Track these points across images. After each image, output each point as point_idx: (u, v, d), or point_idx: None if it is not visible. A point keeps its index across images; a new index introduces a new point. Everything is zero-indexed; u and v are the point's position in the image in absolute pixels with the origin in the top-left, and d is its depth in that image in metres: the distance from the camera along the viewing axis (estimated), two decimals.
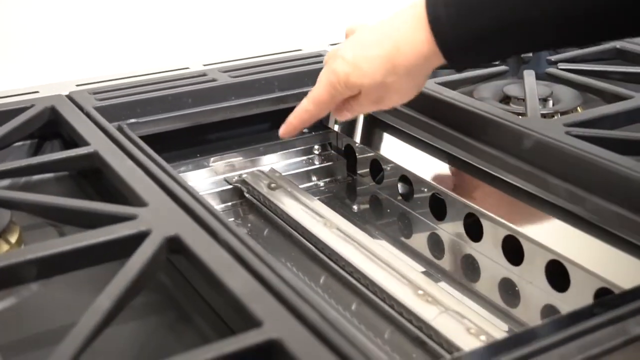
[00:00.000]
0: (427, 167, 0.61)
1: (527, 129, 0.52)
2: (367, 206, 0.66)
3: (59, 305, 0.45)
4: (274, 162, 0.68)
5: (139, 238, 0.40)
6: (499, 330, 0.45)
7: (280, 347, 0.32)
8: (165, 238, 0.40)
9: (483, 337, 0.43)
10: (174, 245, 0.41)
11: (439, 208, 0.60)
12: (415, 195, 0.62)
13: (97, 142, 0.53)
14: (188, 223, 0.42)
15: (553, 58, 0.72)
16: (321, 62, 0.68)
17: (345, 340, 0.33)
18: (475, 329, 0.44)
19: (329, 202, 0.65)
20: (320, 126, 0.71)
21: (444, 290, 0.48)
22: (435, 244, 0.59)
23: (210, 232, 0.42)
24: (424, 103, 0.60)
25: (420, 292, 0.47)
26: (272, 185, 0.62)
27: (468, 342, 0.43)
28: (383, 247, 0.54)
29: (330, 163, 0.70)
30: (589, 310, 0.37)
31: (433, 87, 0.61)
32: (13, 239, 0.48)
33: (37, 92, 0.65)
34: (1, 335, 0.34)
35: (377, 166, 0.67)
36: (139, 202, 0.45)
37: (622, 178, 0.46)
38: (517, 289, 0.52)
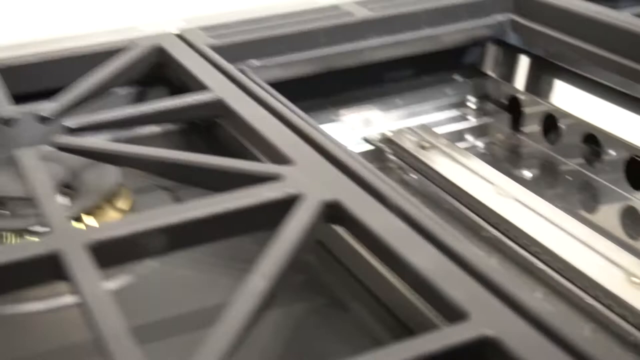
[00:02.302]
0: (621, 122, 0.59)
1: None
2: (538, 172, 0.65)
3: (183, 284, 0.45)
4: (420, 117, 0.68)
5: (290, 202, 0.39)
6: None
7: (497, 347, 0.30)
8: (323, 203, 0.39)
9: None
10: (334, 212, 0.40)
11: (637, 174, 0.58)
12: (604, 158, 0.60)
13: (218, 87, 0.53)
14: (348, 185, 0.41)
15: None
16: None
17: (581, 340, 0.30)
18: None
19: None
20: (474, 72, 0.71)
21: None
22: (632, 219, 0.57)
23: (378, 197, 0.40)
24: (616, 38, 0.58)
25: (636, 279, 0.45)
26: (424, 144, 0.61)
27: None
28: (577, 222, 0.52)
29: (488, 119, 0.70)
30: None
31: (629, 19, 0.59)
32: (124, 205, 0.49)
33: (137, 29, 0.66)
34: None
35: (551, 122, 0.65)
36: (282, 159, 0.45)
37: None
38: None
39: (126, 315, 0.32)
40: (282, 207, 0.39)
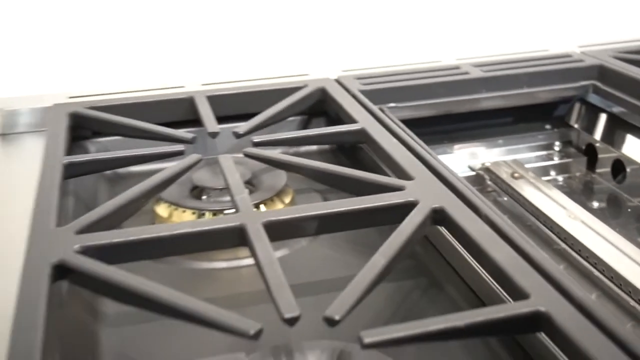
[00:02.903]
0: None
1: None
2: (605, 204, 0.63)
3: (324, 259, 0.47)
4: (515, 154, 0.67)
5: (408, 207, 0.41)
6: None
7: (548, 320, 0.32)
8: (432, 209, 0.41)
9: None
10: (439, 216, 0.41)
11: None
12: None
13: (364, 121, 0.55)
14: (451, 198, 0.42)
15: None
16: (568, 61, 0.68)
17: (612, 319, 0.31)
18: None
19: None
20: (561, 123, 0.69)
21: None
22: None
23: (472, 208, 0.41)
24: None
25: None
26: (515, 174, 0.60)
27: None
28: (628, 243, 0.50)
29: (569, 159, 0.68)
30: None
31: None
32: (287, 199, 0.51)
33: (307, 74, 0.68)
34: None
35: (619, 166, 0.63)
36: (405, 176, 0.46)
37: None
38: None
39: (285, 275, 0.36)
40: (402, 210, 0.41)
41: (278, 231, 0.40)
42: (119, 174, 0.58)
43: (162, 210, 0.49)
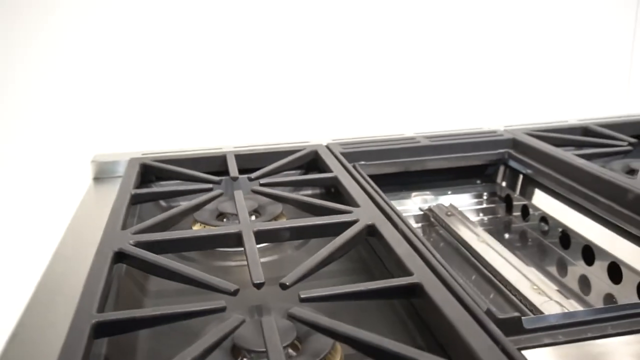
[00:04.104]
0: (562, 213, 0.61)
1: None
2: (516, 236, 0.66)
3: (291, 259, 0.51)
4: (454, 201, 0.69)
5: (351, 223, 0.46)
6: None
7: (421, 289, 0.37)
8: (367, 225, 0.46)
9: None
10: (372, 230, 0.46)
11: (566, 240, 0.59)
12: (550, 232, 0.62)
13: (337, 172, 0.60)
14: (381, 219, 0.47)
15: None
16: (493, 136, 0.70)
17: (463, 290, 0.37)
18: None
19: (489, 231, 0.65)
20: (490, 180, 0.72)
21: (548, 284, 0.48)
22: (560, 266, 0.58)
23: (393, 224, 0.46)
24: (569, 169, 0.59)
25: (534, 286, 0.48)
26: (449, 213, 0.64)
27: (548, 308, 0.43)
28: (518, 260, 0.54)
29: (493, 205, 0.70)
30: None
31: (575, 160, 0.60)
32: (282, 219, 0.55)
33: (308, 142, 0.72)
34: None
35: (526, 210, 0.67)
36: (354, 204, 0.51)
37: None
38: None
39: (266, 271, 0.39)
40: (348, 225, 0.46)
41: (263, 237, 0.46)
42: (170, 204, 0.62)
43: (196, 227, 0.54)
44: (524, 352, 0.33)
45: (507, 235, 0.66)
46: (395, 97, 0.88)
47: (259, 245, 0.43)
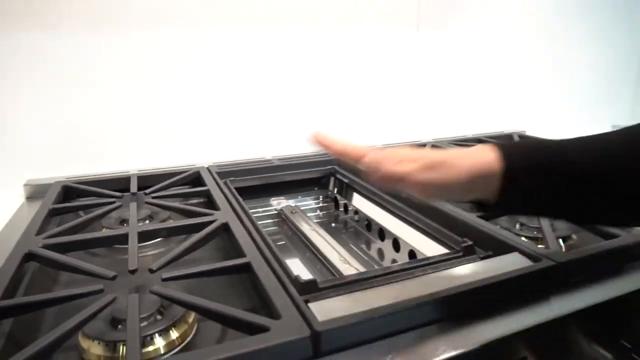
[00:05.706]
0: (367, 208, 0.63)
1: None
2: (341, 225, 0.67)
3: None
4: (300, 202, 0.70)
5: (210, 222, 0.46)
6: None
7: (250, 267, 0.38)
8: (222, 223, 0.46)
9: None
10: (225, 227, 0.46)
11: (369, 226, 0.62)
12: (360, 221, 0.64)
13: (210, 186, 0.59)
14: (234, 219, 0.47)
15: None
16: (325, 158, 0.70)
17: (281, 268, 0.37)
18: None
19: (322, 222, 0.67)
20: (324, 187, 0.72)
21: (351, 257, 0.50)
22: (367, 243, 0.61)
23: (242, 223, 0.46)
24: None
25: (342, 258, 0.51)
26: (293, 211, 0.65)
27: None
28: (335, 242, 0.55)
29: (326, 204, 0.71)
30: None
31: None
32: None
33: (194, 165, 0.70)
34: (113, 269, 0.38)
35: (347, 207, 0.68)
36: (216, 208, 0.50)
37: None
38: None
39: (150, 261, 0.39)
40: (208, 224, 0.45)
41: (146, 235, 0.44)
42: (87, 215, 0.54)
43: (104, 230, 0.49)
44: (312, 303, 0.34)
45: (334, 225, 0.68)
46: (258, 127, 0.79)
47: (150, 242, 0.43)
